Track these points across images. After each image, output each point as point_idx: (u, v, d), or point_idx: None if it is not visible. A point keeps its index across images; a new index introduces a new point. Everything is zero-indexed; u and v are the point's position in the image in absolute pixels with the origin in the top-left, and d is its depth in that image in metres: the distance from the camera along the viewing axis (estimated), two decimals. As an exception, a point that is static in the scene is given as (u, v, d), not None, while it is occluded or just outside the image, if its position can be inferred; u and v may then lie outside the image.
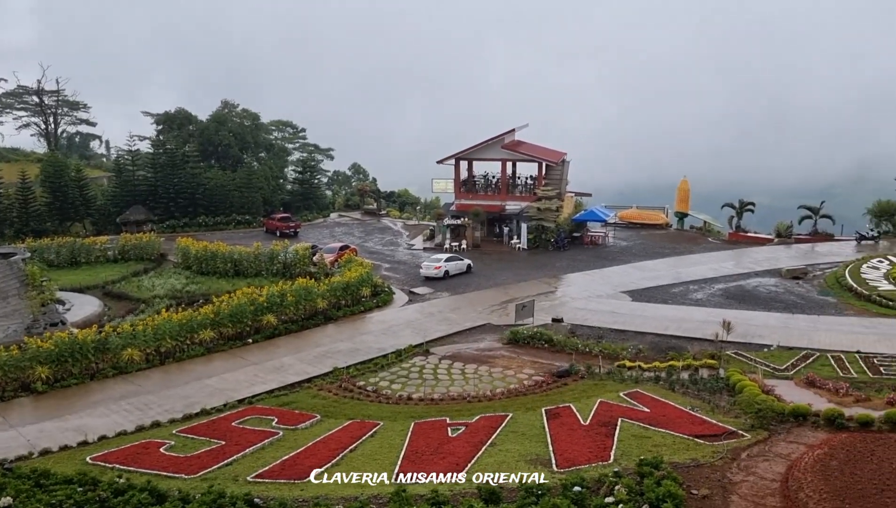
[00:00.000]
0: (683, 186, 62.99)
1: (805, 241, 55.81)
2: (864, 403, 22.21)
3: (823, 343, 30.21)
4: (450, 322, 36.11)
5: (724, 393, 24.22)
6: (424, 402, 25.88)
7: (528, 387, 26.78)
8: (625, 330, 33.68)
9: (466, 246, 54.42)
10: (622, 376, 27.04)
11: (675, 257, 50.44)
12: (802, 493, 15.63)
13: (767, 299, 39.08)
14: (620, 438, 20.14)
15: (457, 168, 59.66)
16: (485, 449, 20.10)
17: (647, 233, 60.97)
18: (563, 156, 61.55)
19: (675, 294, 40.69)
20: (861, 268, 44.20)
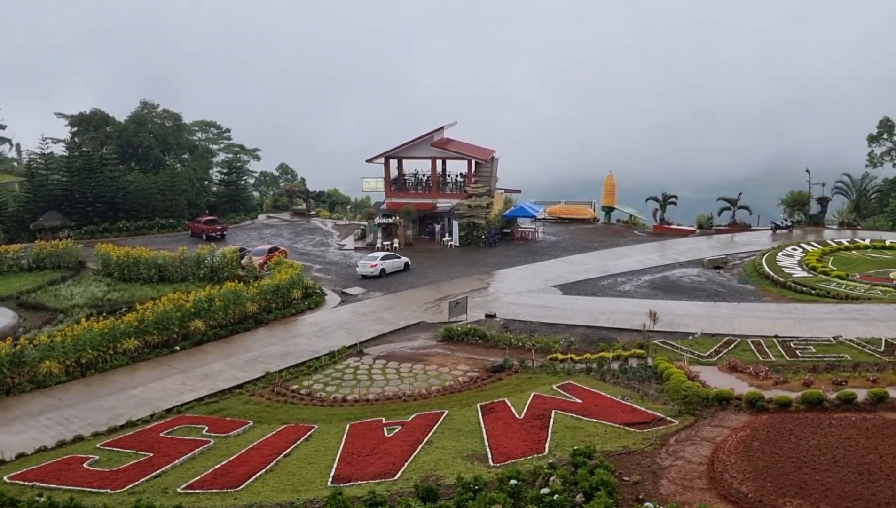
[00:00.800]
0: (609, 181, 64.51)
1: (725, 232, 58.00)
2: (783, 385, 23.25)
3: (744, 329, 31.43)
4: (383, 322, 35.93)
5: (653, 381, 24.95)
6: (360, 403, 25.68)
7: (464, 384, 26.91)
8: (556, 323, 34.24)
9: (398, 245, 54.25)
10: (555, 368, 27.47)
11: (603, 251, 51.59)
12: (727, 474, 16.23)
13: (691, 289, 40.43)
14: (554, 430, 20.46)
15: (387, 167, 59.40)
16: (421, 448, 20.10)
17: (576, 227, 62.16)
18: (492, 153, 62.07)
19: (604, 287, 41.62)
20: (777, 256, 46.26)
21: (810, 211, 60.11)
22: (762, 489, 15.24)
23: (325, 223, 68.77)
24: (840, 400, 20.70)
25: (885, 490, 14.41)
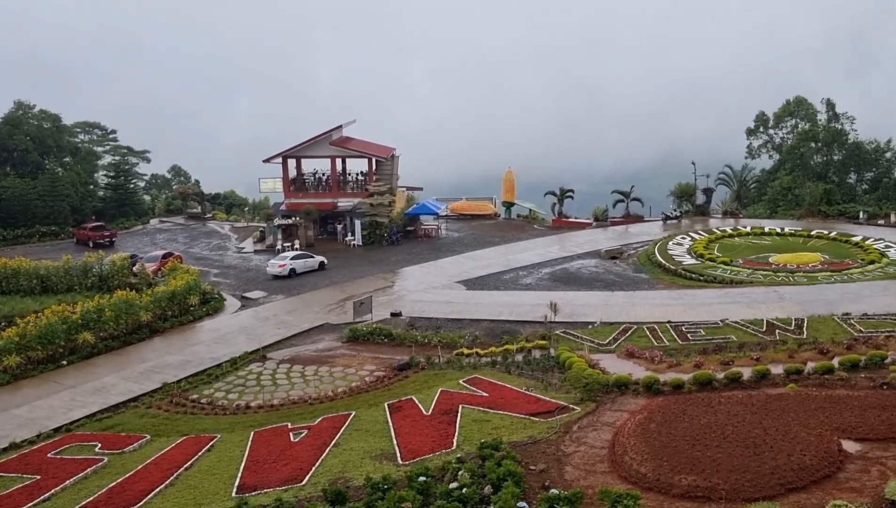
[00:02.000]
0: (508, 177, 65.76)
1: (619, 223, 60.30)
2: (676, 368, 24.38)
3: (640, 316, 32.76)
4: (286, 325, 35.15)
5: (556, 371, 25.60)
6: (264, 409, 25.01)
7: (370, 383, 26.72)
8: (461, 319, 34.53)
9: (299, 246, 53.22)
10: (461, 363, 27.72)
11: (504, 246, 52.50)
12: (627, 456, 16.83)
13: (590, 280, 41.75)
14: (462, 424, 20.63)
15: (285, 167, 58.16)
16: (329, 450, 19.80)
17: (478, 223, 62.99)
18: (392, 151, 61.95)
19: (507, 281, 42.35)
20: (668, 245, 48.51)
21: (697, 201, 63.43)
22: (659, 468, 15.90)
23: (223, 226, 66.64)
24: (728, 379, 21.88)
25: (768, 461, 15.34)
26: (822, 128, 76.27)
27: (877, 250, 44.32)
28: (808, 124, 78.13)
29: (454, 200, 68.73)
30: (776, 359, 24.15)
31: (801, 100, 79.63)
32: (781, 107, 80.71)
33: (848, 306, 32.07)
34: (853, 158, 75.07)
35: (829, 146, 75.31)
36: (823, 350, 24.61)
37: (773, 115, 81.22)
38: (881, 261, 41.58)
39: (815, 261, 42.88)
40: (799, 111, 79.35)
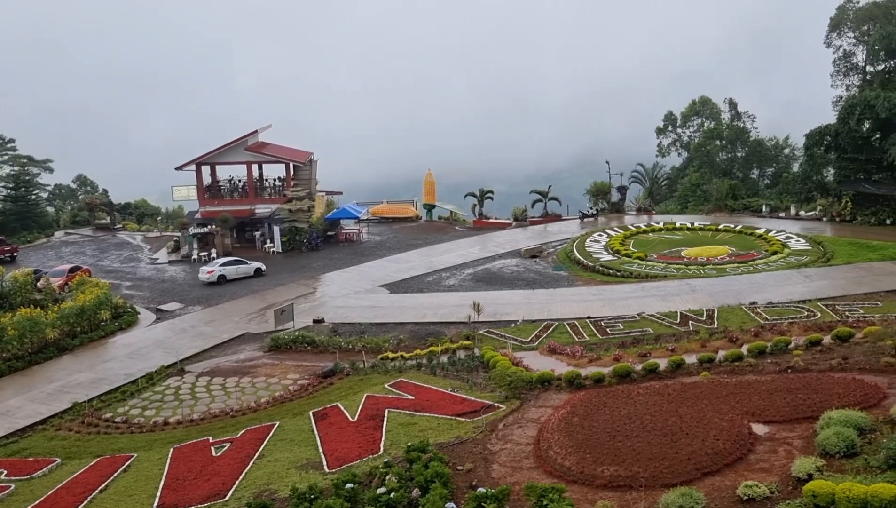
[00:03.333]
0: (429, 179, 65.96)
1: (538, 222, 61.38)
2: (597, 362, 24.99)
3: (560, 313, 33.41)
4: (205, 337, 34.11)
5: (481, 370, 25.79)
6: (183, 424, 24.19)
7: (294, 392, 26.24)
8: (385, 323, 34.39)
9: (216, 254, 51.77)
10: (386, 367, 27.57)
11: (427, 248, 52.60)
12: (552, 451, 17.13)
13: (511, 279, 42.32)
14: (388, 428, 20.54)
15: (198, 174, 56.46)
16: (253, 463, 19.33)
17: (400, 226, 62.91)
18: (310, 155, 61.11)
19: (430, 282, 42.44)
20: (585, 243, 49.72)
21: (612, 199, 65.24)
22: (583, 461, 16.25)
23: (134, 237, 64.10)
24: (645, 371, 22.59)
25: (685, 448, 15.92)
26: (726, 126, 79.93)
27: (779, 241, 46.71)
28: (712, 123, 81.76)
29: (375, 203, 68.42)
30: (690, 349, 25.10)
31: (706, 100, 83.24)
32: (688, 106, 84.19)
33: (754, 295, 33.68)
34: (755, 154, 79.06)
35: (732, 144, 79.03)
36: (733, 338, 25.75)
37: (681, 114, 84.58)
38: (783, 252, 43.85)
39: (723, 253, 44.83)
40: (704, 110, 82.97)
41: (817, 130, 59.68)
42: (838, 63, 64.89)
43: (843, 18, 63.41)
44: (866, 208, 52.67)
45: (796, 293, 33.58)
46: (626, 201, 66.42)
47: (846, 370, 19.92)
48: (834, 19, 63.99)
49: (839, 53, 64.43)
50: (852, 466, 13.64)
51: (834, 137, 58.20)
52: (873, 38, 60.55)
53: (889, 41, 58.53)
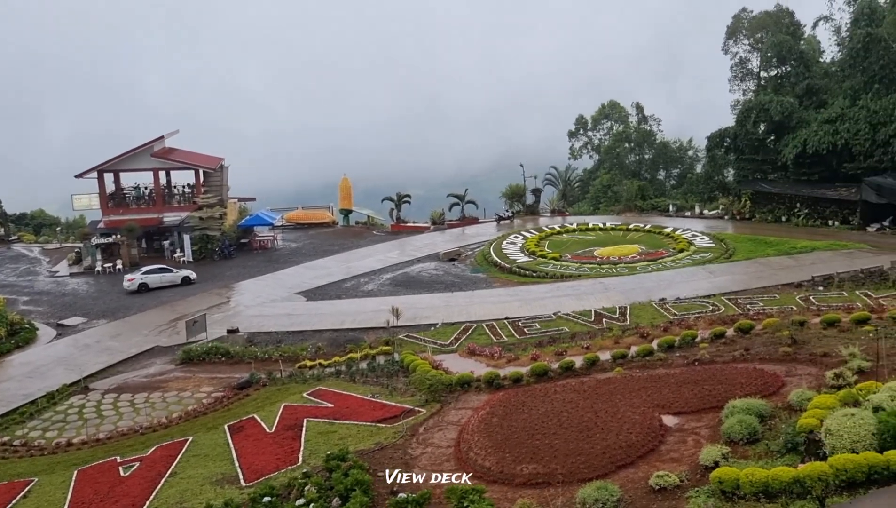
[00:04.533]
0: (345, 184, 65.38)
1: (456, 225, 61.79)
2: (515, 362, 25.32)
3: (479, 315, 33.70)
4: (111, 352, 32.59)
5: (401, 375, 25.68)
6: (89, 445, 23.03)
7: (208, 405, 25.42)
8: (303, 330, 33.80)
9: (122, 265, 49.60)
10: (304, 376, 27.10)
11: (344, 253, 52.07)
12: (472, 452, 17.22)
13: (430, 282, 42.41)
14: (307, 438, 20.16)
15: (101, 181, 53.97)
16: (164, 481, 18.57)
17: (316, 232, 62.03)
18: (221, 161, 59.45)
19: (348, 288, 42.01)
20: (502, 245, 50.41)
21: (527, 202, 66.41)
22: (502, 460, 16.40)
23: (31, 249, 60.51)
24: (562, 369, 23.03)
25: (600, 443, 16.32)
26: (634, 129, 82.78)
27: (685, 239, 48.68)
28: (621, 126, 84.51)
29: (290, 209, 67.23)
30: (604, 346, 25.77)
31: (614, 103, 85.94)
32: (598, 110, 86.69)
33: (663, 291, 34.95)
34: (661, 156, 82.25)
35: (640, 146, 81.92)
36: (644, 334, 26.62)
37: (591, 118, 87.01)
38: (689, 249, 45.72)
39: (633, 252, 46.34)
40: (613, 114, 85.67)
41: (718, 133, 62.68)
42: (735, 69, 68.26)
43: (739, 27, 66.76)
44: (764, 206, 55.56)
45: (702, 289, 35.05)
46: (540, 203, 67.73)
47: (748, 360, 20.90)
48: (730, 27, 67.30)
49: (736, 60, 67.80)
50: (755, 451, 14.31)
51: (733, 139, 61.27)
52: (766, 46, 64.06)
53: (780, 49, 62.06)
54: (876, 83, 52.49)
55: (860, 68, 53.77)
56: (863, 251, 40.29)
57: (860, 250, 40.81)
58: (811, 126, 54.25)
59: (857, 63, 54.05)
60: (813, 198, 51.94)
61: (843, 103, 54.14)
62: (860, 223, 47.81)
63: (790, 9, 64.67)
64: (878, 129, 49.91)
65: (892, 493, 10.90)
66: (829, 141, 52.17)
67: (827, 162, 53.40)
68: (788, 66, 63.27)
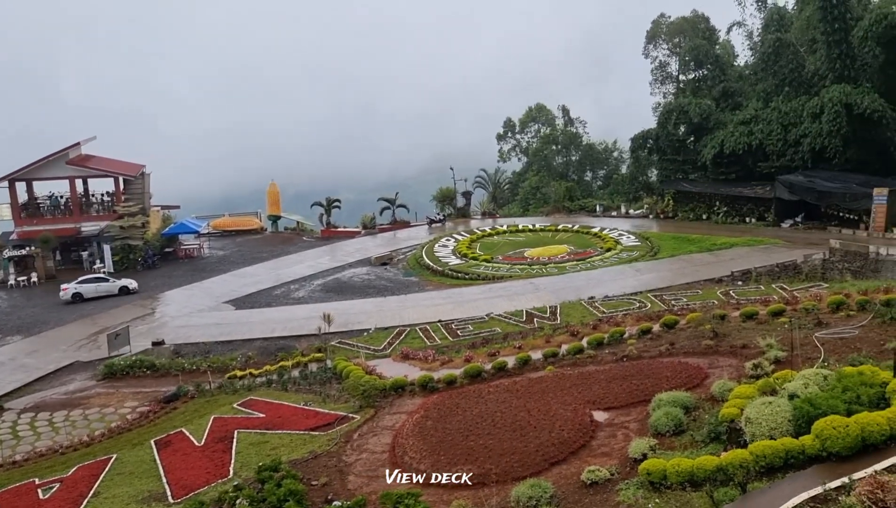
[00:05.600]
0: (273, 190, 64.29)
1: (387, 229, 61.62)
2: (449, 364, 25.38)
3: (412, 319, 33.67)
4: (27, 369, 31.06)
5: (334, 382, 25.38)
6: (4, 468, 21.91)
7: (133, 421, 24.53)
8: (232, 340, 33.05)
9: (38, 278, 47.37)
10: (234, 387, 26.48)
11: (273, 260, 51.16)
12: (407, 456, 17.16)
13: (362, 287, 42.11)
14: (238, 450, 19.71)
15: (12, 191, 51.42)
16: (87, 502, 17.84)
17: (244, 239, 60.73)
18: (141, 168, 57.56)
19: (278, 296, 41.30)
20: (434, 248, 50.53)
21: (458, 204, 66.82)
22: (437, 463, 16.40)
23: (-64, 264, 57.16)
24: (495, 369, 23.21)
25: (533, 441, 16.52)
26: (561, 132, 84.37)
27: (612, 238, 49.90)
28: (548, 129, 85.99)
29: (216, 216, 65.61)
30: (536, 345, 26.10)
31: (541, 106, 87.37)
32: (525, 113, 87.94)
33: (592, 290, 35.71)
34: (588, 157, 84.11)
35: (567, 148, 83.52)
36: (574, 332, 27.10)
37: (519, 121, 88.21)
38: (616, 248, 46.88)
39: (563, 252, 47.20)
40: (540, 117, 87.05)
41: (641, 134, 64.57)
42: (655, 72, 70.53)
43: (658, 32, 69.03)
44: (686, 204, 57.50)
45: (629, 286, 35.99)
46: (471, 205, 68.28)
47: (673, 354, 21.55)
48: (650, 32, 69.50)
49: (656, 63, 70.08)
50: (680, 442, 14.75)
51: (655, 141, 63.22)
52: (683, 50, 66.46)
53: (697, 53, 64.48)
54: (786, 86, 55.12)
55: (771, 72, 56.39)
56: (778, 247, 42.16)
57: (775, 245, 42.69)
58: (728, 127, 56.47)
59: (768, 67, 56.68)
60: (731, 196, 54.06)
61: (756, 105, 56.60)
62: (775, 220, 50.04)
63: (706, 14, 67.32)
64: (788, 129, 52.37)
65: (807, 476, 11.40)
66: (744, 141, 54.41)
67: (743, 161, 55.68)
68: (705, 69, 65.81)
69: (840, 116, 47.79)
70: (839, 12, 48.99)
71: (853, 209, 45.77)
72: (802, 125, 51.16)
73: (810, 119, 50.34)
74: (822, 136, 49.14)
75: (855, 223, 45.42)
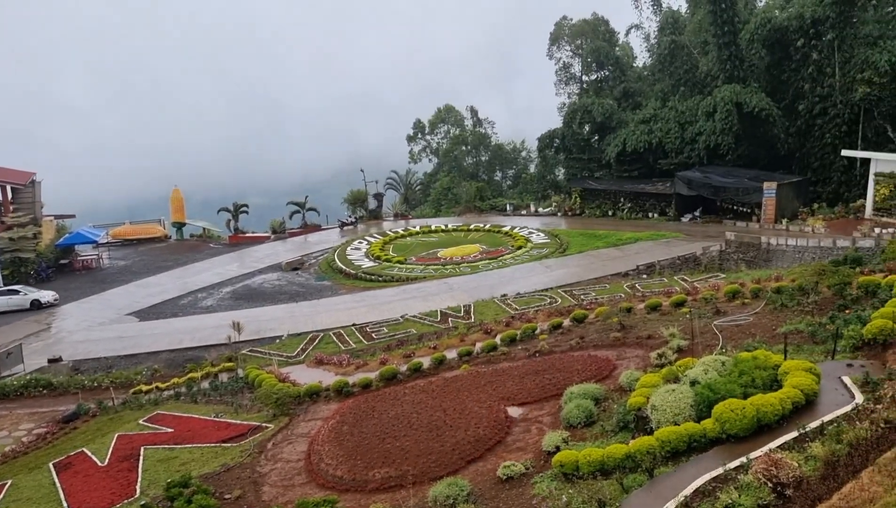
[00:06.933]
0: (176, 196, 62.03)
1: (298, 234, 60.55)
2: (364, 368, 25.19)
3: (326, 323, 33.22)
4: None
5: (246, 391, 24.77)
6: None
7: (29, 444, 23.16)
8: (136, 353, 31.69)
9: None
10: (140, 402, 25.39)
11: (179, 269, 49.36)
12: (323, 463, 16.92)
13: (273, 293, 41.23)
14: (146, 468, 18.93)
15: None
16: (-22, 535, 16.68)
17: (147, 248, 58.31)
18: (31, 176, 54.26)
19: (185, 305, 39.89)
20: (346, 251, 50.04)
21: (370, 207, 66.43)
22: (354, 468, 16.25)
23: None
24: (411, 370, 23.22)
25: (450, 440, 16.60)
26: (470, 133, 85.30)
27: (522, 236, 50.81)
28: (457, 130, 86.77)
29: (116, 225, 62.70)
30: (451, 345, 26.27)
31: (450, 107, 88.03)
32: (434, 114, 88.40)
33: (505, 288, 36.25)
34: (497, 157, 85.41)
35: (476, 148, 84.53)
36: (488, 330, 27.43)
37: (428, 122, 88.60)
38: (527, 246, 47.76)
39: (475, 252, 47.69)
40: (449, 118, 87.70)
41: (547, 134, 66.11)
42: (560, 73, 72.32)
43: (561, 33, 70.80)
44: (592, 201, 59.22)
45: (540, 283, 36.74)
46: (383, 207, 68.02)
47: (583, 348, 22.15)
48: (553, 34, 71.20)
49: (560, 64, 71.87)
50: (592, 433, 15.18)
51: (561, 140, 64.90)
52: (585, 52, 68.46)
53: (598, 54, 66.60)
54: (682, 86, 57.68)
55: (668, 72, 58.89)
56: (679, 240, 44.05)
57: (676, 239, 44.59)
58: (629, 126, 58.60)
59: (664, 68, 59.17)
60: (634, 193, 56.07)
61: (655, 105, 58.98)
62: (675, 214, 52.25)
63: (605, 17, 69.57)
64: (685, 127, 54.85)
65: (709, 458, 11.95)
66: (645, 140, 56.58)
67: (644, 159, 57.89)
68: (607, 70, 68.05)
69: (731, 114, 50.43)
70: (728, 16, 51.66)
71: (746, 203, 48.37)
72: (698, 123, 53.67)
73: (705, 117, 52.88)
74: (715, 133, 51.71)
75: (748, 216, 48.04)
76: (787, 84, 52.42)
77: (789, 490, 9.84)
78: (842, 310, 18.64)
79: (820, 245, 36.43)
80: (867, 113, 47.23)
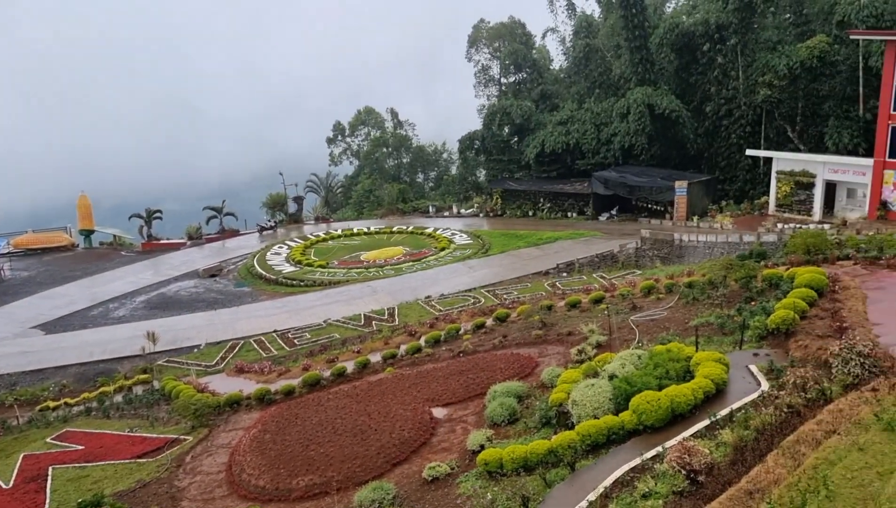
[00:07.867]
0: (83, 203, 59.18)
1: (215, 239, 58.82)
2: (286, 375, 24.76)
3: (246, 330, 32.45)
4: None
5: (163, 403, 23.98)
6: None
7: (-77, 470, 21.60)
8: (43, 368, 30.18)
9: None
10: (47, 419, 24.23)
11: (88, 278, 47.14)
12: (245, 473, 16.50)
13: (190, 302, 39.94)
14: (54, 488, 18.06)
15: None
16: None
17: (52, 257, 55.39)
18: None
19: (95, 317, 38.15)
20: (266, 256, 48.99)
21: (289, 210, 65.25)
22: (277, 477, 15.91)
23: None
24: (334, 375, 22.96)
25: (374, 444, 16.48)
26: (391, 134, 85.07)
27: (445, 238, 51.00)
28: (378, 132, 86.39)
29: (17, 234, 59.32)
30: (375, 348, 26.14)
31: (370, 109, 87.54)
32: (354, 116, 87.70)
33: (428, 289, 36.30)
34: (419, 159, 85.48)
35: (398, 150, 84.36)
36: (412, 332, 27.41)
37: (349, 124, 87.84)
38: (450, 247, 47.97)
39: (398, 254, 47.55)
40: (370, 120, 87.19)
41: (468, 136, 66.59)
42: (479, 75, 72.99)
43: (479, 36, 71.47)
44: (513, 202, 59.99)
45: (463, 284, 36.98)
46: (303, 211, 66.92)
47: (506, 346, 22.42)
48: (471, 37, 71.80)
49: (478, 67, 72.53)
50: (515, 430, 15.36)
51: (482, 142, 65.49)
52: (503, 54, 69.39)
53: (515, 57, 67.62)
54: (597, 88, 59.19)
55: (583, 75, 60.31)
56: (597, 238, 45.19)
57: (595, 237, 45.72)
58: (547, 128, 59.67)
59: (580, 70, 60.57)
60: (553, 193, 57.14)
61: (571, 106, 60.30)
62: (593, 213, 53.55)
63: (522, 21, 70.65)
64: (601, 128, 56.32)
65: (627, 449, 12.29)
66: (562, 141, 57.75)
67: (563, 160, 59.09)
68: (524, 72, 69.15)
69: (644, 115, 52.10)
70: (638, 21, 53.37)
71: (659, 201, 50.08)
72: (613, 125, 55.19)
73: (619, 119, 54.42)
74: (629, 134, 53.29)
75: (661, 214, 49.75)
76: (695, 87, 54.57)
77: (701, 476, 10.23)
78: (748, 302, 19.52)
79: (728, 241, 38.10)
80: (769, 114, 49.69)
